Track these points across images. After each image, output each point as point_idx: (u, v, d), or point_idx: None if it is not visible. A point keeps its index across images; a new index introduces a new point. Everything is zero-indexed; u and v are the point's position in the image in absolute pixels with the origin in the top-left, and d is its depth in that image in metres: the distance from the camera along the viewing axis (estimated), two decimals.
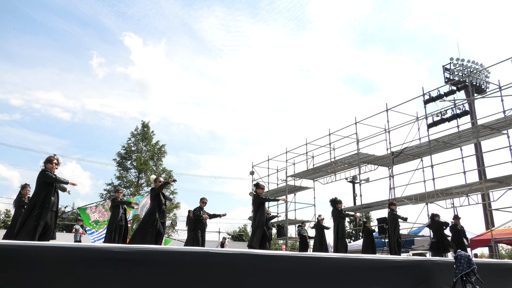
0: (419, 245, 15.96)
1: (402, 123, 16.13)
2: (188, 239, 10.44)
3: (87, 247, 3.84)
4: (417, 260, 7.30)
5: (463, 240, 10.68)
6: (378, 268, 6.09)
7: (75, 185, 6.23)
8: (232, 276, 4.44)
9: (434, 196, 14.52)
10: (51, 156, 6.00)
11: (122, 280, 3.76)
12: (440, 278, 6.93)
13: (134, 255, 3.91)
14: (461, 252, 7.14)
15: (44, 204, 5.63)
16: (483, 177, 13.24)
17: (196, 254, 4.37)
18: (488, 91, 18.53)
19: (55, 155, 6.07)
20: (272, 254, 5.14)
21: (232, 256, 4.62)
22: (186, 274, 4.15)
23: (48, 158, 6.01)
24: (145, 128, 30.97)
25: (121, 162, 29.63)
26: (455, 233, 10.73)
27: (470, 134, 14.00)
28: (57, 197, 5.93)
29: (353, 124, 17.40)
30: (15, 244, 3.49)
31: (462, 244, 10.52)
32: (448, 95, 14.86)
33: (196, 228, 9.51)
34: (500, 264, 9.09)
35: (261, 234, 7.41)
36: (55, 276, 3.46)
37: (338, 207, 9.44)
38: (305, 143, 19.60)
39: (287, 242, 21.20)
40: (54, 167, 5.88)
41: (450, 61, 19.36)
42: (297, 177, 20.68)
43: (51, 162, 5.89)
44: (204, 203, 9.68)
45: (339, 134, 18.21)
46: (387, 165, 17.20)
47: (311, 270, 5.16)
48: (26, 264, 3.37)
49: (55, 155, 6.07)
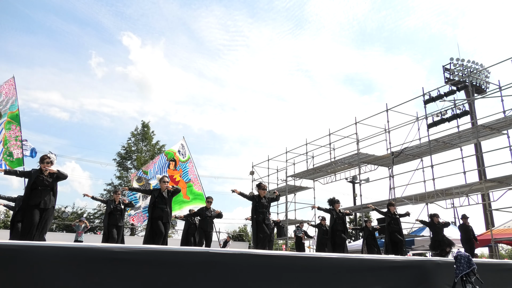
0: (419, 245, 15.95)
1: (402, 123, 16.16)
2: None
3: (87, 247, 3.83)
4: (417, 260, 7.31)
5: (472, 239, 10.69)
6: (378, 268, 6.09)
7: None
8: (232, 276, 4.44)
9: (434, 196, 14.53)
10: (43, 156, 6.06)
11: (122, 280, 3.76)
12: (440, 278, 6.93)
13: (134, 255, 3.91)
14: (461, 252, 7.15)
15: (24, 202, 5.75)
16: (483, 177, 13.24)
17: (196, 254, 4.37)
18: (488, 91, 18.54)
19: (50, 152, 6.12)
20: (272, 254, 5.14)
21: (232, 256, 4.62)
22: (186, 274, 4.15)
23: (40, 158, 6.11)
24: (145, 128, 31.01)
25: (121, 162, 29.66)
26: (464, 232, 10.73)
27: (470, 134, 14.00)
28: (48, 194, 5.80)
29: (353, 124, 17.43)
30: (15, 244, 3.49)
31: (471, 242, 10.53)
32: (448, 95, 14.87)
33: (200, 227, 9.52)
34: (500, 264, 9.09)
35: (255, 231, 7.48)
36: (55, 276, 3.46)
37: (335, 207, 9.42)
38: (305, 143, 19.62)
39: (287, 242, 21.20)
40: (46, 167, 5.89)
41: (450, 61, 19.38)
42: (297, 177, 20.69)
43: (43, 162, 5.92)
44: (209, 202, 9.69)
45: (339, 134, 18.24)
46: (387, 165, 17.21)
47: (311, 270, 5.17)
48: (26, 264, 3.37)
49: (49, 153, 6.11)
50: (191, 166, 11.87)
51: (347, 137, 17.78)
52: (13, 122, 10.08)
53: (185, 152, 11.90)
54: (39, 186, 5.75)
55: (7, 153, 9.73)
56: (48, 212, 5.83)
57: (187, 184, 11.56)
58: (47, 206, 5.78)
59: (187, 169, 11.81)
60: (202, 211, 9.50)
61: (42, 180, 5.79)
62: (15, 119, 10.17)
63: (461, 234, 10.81)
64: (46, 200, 5.77)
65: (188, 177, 11.70)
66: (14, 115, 10.24)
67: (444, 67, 19.47)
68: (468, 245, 10.28)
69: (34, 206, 5.67)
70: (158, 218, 6.73)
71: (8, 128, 10.01)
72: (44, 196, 5.75)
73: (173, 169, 11.56)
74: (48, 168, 5.83)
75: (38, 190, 5.73)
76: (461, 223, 10.96)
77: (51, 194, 5.88)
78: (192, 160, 11.93)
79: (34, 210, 5.66)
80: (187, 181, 11.65)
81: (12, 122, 10.09)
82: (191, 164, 11.89)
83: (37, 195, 5.72)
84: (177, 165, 11.74)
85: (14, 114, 10.24)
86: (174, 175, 11.55)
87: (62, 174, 6.01)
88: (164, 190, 6.94)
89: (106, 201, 9.66)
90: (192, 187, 11.54)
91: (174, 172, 11.58)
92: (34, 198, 5.69)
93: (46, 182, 5.83)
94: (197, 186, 11.54)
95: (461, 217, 11.22)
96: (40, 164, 5.94)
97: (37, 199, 5.70)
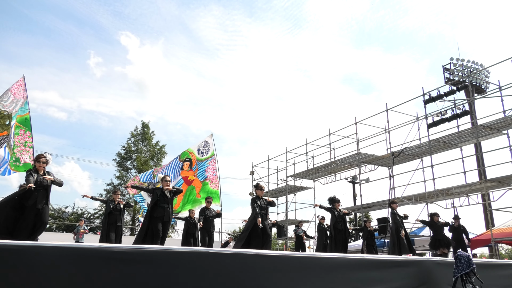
0: (419, 245, 15.96)
1: (402, 123, 16.15)
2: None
3: (87, 247, 3.83)
4: (417, 260, 7.30)
5: (463, 240, 10.73)
6: (378, 268, 6.09)
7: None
8: (232, 276, 4.44)
9: (434, 196, 14.53)
10: (39, 155, 6.07)
11: (121, 280, 3.75)
12: (440, 278, 6.94)
13: (134, 255, 3.91)
14: (461, 252, 7.15)
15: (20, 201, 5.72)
16: (483, 177, 13.24)
17: (196, 254, 4.37)
18: (488, 91, 18.52)
19: (45, 152, 6.12)
20: (272, 254, 5.14)
21: (232, 256, 4.62)
22: (186, 274, 4.14)
23: (36, 157, 6.14)
24: (145, 128, 31.03)
25: (121, 162, 29.69)
26: (455, 233, 10.80)
27: (470, 134, 14.00)
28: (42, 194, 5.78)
29: (353, 124, 17.42)
30: (15, 244, 3.49)
31: (462, 243, 10.56)
32: (448, 95, 14.87)
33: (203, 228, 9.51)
34: (500, 264, 9.09)
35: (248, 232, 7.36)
36: (55, 276, 3.46)
37: (336, 206, 9.41)
38: (305, 143, 19.62)
39: (287, 242, 21.19)
40: (41, 166, 5.90)
41: (450, 61, 19.37)
42: (297, 177, 20.68)
43: (38, 160, 5.93)
44: (209, 202, 9.69)
45: (339, 134, 18.23)
46: (387, 165, 17.20)
47: (311, 270, 5.16)
48: (26, 264, 3.37)
49: (44, 153, 6.11)
50: (213, 163, 11.61)
51: (347, 137, 17.78)
52: (21, 127, 9.75)
53: (209, 149, 11.66)
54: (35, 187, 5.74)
55: (13, 158, 9.44)
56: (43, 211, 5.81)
57: (202, 182, 11.41)
58: (42, 206, 5.78)
59: (205, 167, 11.56)
60: (203, 212, 9.52)
61: (37, 181, 5.77)
62: (24, 124, 9.84)
63: (452, 234, 10.86)
64: (41, 200, 5.77)
65: (204, 175, 11.49)
66: (23, 119, 9.90)
67: (444, 67, 19.46)
68: (459, 245, 10.30)
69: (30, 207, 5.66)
70: (159, 217, 6.69)
71: (16, 133, 9.69)
72: (39, 196, 5.75)
73: (187, 169, 11.38)
74: (44, 177, 5.86)
75: (34, 190, 5.70)
76: (452, 223, 11.01)
77: (46, 194, 5.88)
78: (215, 157, 11.69)
79: (30, 211, 5.65)
80: (203, 179, 11.46)
81: (21, 127, 9.77)
82: (213, 161, 11.63)
83: (33, 195, 5.69)
84: (193, 165, 11.58)
85: (23, 118, 9.90)
86: (188, 175, 11.39)
87: (57, 184, 6.07)
88: (166, 190, 6.93)
89: (105, 201, 9.67)
90: (207, 185, 11.34)
91: (188, 172, 11.41)
92: (29, 199, 5.67)
93: (45, 182, 5.83)
94: (214, 184, 11.36)
95: (453, 217, 11.29)
96: (36, 163, 5.93)
97: (32, 200, 5.69)
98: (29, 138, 9.80)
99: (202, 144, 11.74)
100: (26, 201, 5.67)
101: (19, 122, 9.80)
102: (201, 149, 11.67)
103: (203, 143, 11.75)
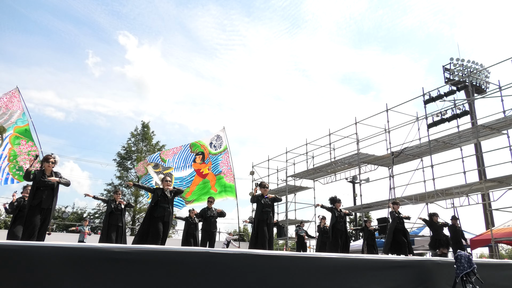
0: (419, 245, 15.97)
1: (402, 123, 16.16)
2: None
3: (87, 247, 3.84)
4: (417, 260, 7.31)
5: (461, 240, 10.74)
6: (378, 268, 6.09)
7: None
8: (232, 276, 4.44)
9: (434, 196, 14.53)
10: (47, 155, 6.10)
11: (121, 280, 3.76)
12: (440, 278, 6.94)
13: (134, 255, 3.91)
14: (461, 252, 7.15)
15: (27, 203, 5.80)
16: (483, 177, 13.24)
17: (196, 254, 4.37)
18: (488, 91, 18.53)
19: (52, 154, 6.17)
20: (273, 254, 5.14)
21: (232, 256, 4.62)
22: (186, 274, 4.15)
23: (44, 157, 6.17)
24: (145, 128, 31.03)
25: (121, 162, 29.69)
26: (453, 233, 10.81)
27: (470, 134, 14.00)
28: (48, 195, 5.82)
29: (353, 124, 17.44)
30: (15, 244, 3.49)
31: (460, 243, 10.56)
32: (448, 95, 14.88)
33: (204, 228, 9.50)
34: (500, 264, 9.09)
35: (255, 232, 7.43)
36: (55, 276, 3.46)
37: (336, 206, 9.41)
38: (305, 143, 19.63)
39: (287, 242, 21.20)
40: (49, 166, 5.93)
41: (450, 61, 19.38)
42: (297, 177, 20.69)
43: (47, 160, 5.96)
44: (210, 202, 9.67)
45: (339, 134, 18.25)
46: (387, 165, 17.21)
47: (312, 270, 5.17)
48: (26, 264, 3.37)
49: (52, 154, 6.16)
50: (226, 157, 11.50)
51: (347, 137, 17.80)
52: (22, 137, 9.89)
53: (221, 143, 11.53)
54: (41, 187, 5.79)
55: (16, 167, 9.55)
56: (48, 212, 5.86)
57: (217, 176, 11.31)
58: (48, 206, 5.81)
59: (219, 161, 11.32)
60: (204, 212, 9.48)
61: (44, 181, 5.82)
62: (24, 134, 9.97)
63: (450, 235, 10.87)
64: (47, 200, 5.80)
65: (219, 169, 11.33)
66: (23, 130, 10.02)
67: (444, 67, 19.47)
68: (457, 246, 10.30)
69: (35, 207, 5.70)
70: (160, 217, 6.68)
71: (17, 143, 9.82)
72: (45, 196, 5.79)
73: (200, 162, 11.24)
74: (49, 179, 5.89)
75: (40, 191, 5.77)
76: (450, 224, 11.02)
77: (52, 194, 5.91)
78: (228, 151, 11.51)
79: (35, 211, 5.69)
80: (217, 173, 11.31)
81: (21, 137, 9.90)
82: (226, 155, 11.52)
83: (37, 195, 5.74)
84: (205, 158, 11.45)
85: (23, 129, 10.02)
86: (201, 168, 11.19)
87: (64, 184, 6.11)
88: (166, 190, 6.93)
89: (107, 200, 9.67)
90: (222, 179, 11.20)
91: (201, 165, 11.25)
92: (36, 199, 5.72)
93: (49, 183, 5.87)
94: (229, 178, 11.26)
95: (451, 218, 11.31)
96: (44, 163, 5.97)
97: (37, 200, 5.73)
98: (33, 147, 9.93)
99: (215, 137, 11.58)
100: (31, 201, 5.71)
101: (18, 133, 9.99)
102: (214, 142, 11.51)
103: (215, 136, 11.60)
